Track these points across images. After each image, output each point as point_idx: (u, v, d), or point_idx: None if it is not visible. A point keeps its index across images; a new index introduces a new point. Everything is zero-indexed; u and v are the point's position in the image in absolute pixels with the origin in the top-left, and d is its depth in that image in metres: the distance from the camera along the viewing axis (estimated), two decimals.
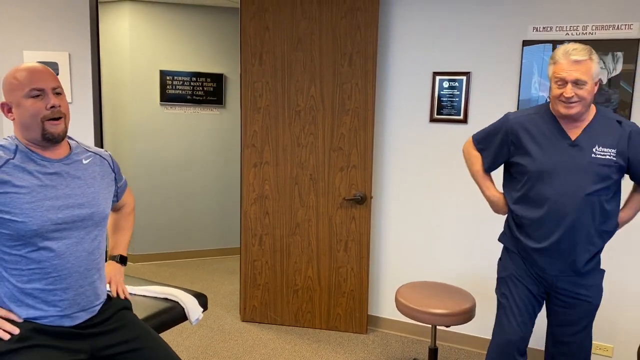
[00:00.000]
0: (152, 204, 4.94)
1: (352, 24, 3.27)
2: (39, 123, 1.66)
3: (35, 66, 1.70)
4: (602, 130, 2.07)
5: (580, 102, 2.00)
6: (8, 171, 1.63)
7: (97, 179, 1.84)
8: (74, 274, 1.72)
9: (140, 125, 4.81)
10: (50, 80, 1.69)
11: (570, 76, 1.97)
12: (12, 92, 1.67)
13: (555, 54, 2.04)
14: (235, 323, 3.69)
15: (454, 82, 3.25)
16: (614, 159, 2.03)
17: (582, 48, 2.00)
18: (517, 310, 2.23)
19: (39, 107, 1.65)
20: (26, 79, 1.66)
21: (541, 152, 2.11)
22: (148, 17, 4.72)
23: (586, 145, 2.05)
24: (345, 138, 3.37)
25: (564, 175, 2.05)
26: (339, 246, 3.49)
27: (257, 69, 3.43)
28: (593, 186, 2.03)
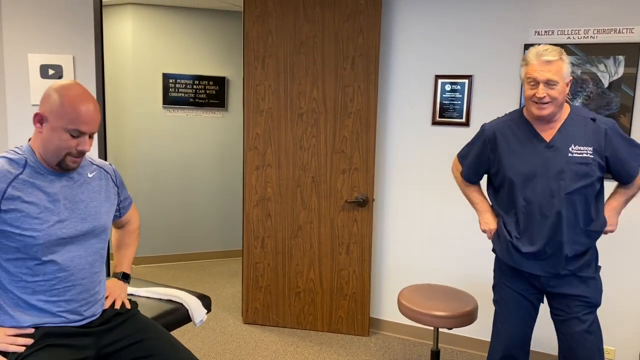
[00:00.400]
0: (154, 207, 4.95)
1: (355, 28, 3.28)
2: (62, 155, 1.68)
3: (89, 107, 1.66)
4: (577, 129, 2.09)
5: (552, 103, 2.03)
6: (18, 187, 1.65)
7: (101, 192, 1.87)
8: (77, 285, 1.76)
9: (143, 128, 4.83)
10: (95, 125, 1.69)
11: (541, 76, 2.00)
12: (55, 115, 1.64)
13: (527, 55, 2.07)
14: (237, 325, 3.70)
15: (456, 85, 3.26)
16: (592, 156, 2.05)
17: (553, 49, 2.03)
18: (510, 317, 2.26)
19: (70, 145, 1.67)
20: (75, 118, 1.64)
21: (518, 157, 2.14)
22: (151, 20, 4.74)
23: (562, 145, 2.08)
24: (348, 141, 3.39)
25: (543, 178, 2.08)
26: (341, 249, 3.49)
27: (260, 72, 3.44)
28: (573, 185, 2.05)
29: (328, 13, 3.31)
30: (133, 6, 4.67)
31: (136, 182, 4.86)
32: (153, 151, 4.89)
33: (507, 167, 2.16)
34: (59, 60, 3.26)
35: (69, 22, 3.27)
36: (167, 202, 5.00)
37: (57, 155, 1.68)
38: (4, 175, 1.64)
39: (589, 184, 2.06)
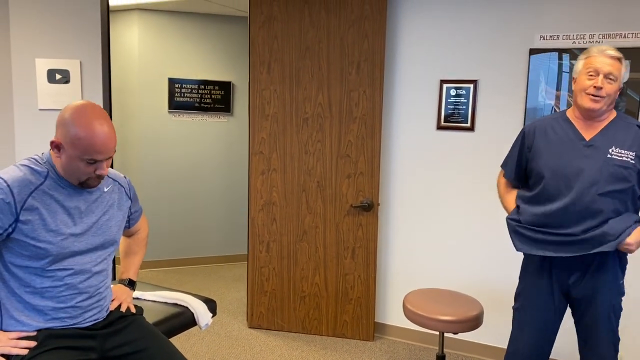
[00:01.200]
0: (159, 211, 4.97)
1: (360, 33, 3.30)
2: (83, 179, 1.71)
3: (103, 135, 1.65)
4: (620, 132, 2.06)
5: (605, 99, 2.01)
6: (37, 197, 1.66)
7: (114, 207, 1.89)
8: (83, 292, 1.78)
9: (149, 133, 4.85)
10: (110, 151, 1.69)
11: (604, 68, 1.99)
12: (70, 145, 1.64)
13: (590, 49, 2.07)
14: (242, 330, 3.70)
15: (461, 90, 3.27)
16: (632, 161, 2.01)
17: (616, 49, 2.04)
18: (530, 325, 2.22)
19: (87, 171, 1.69)
20: (90, 148, 1.64)
21: (555, 152, 2.10)
22: (156, 25, 4.77)
23: (602, 145, 2.04)
24: (353, 145, 3.39)
25: (578, 175, 2.04)
26: (346, 253, 3.50)
27: (266, 76, 3.46)
28: (607, 186, 2.00)
29: (333, 18, 3.33)
30: (139, 11, 4.70)
31: (141, 187, 4.88)
32: (158, 155, 4.91)
33: (541, 161, 2.13)
34: (66, 65, 3.29)
35: (76, 28, 3.29)
36: (172, 207, 5.01)
37: (77, 179, 1.71)
38: (25, 186, 1.65)
39: (625, 188, 2.01)
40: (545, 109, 3.05)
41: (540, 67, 3.04)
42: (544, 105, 3.05)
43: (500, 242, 3.24)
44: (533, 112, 3.08)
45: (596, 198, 2.00)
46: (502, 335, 3.30)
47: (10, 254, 1.67)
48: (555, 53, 3.00)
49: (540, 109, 3.06)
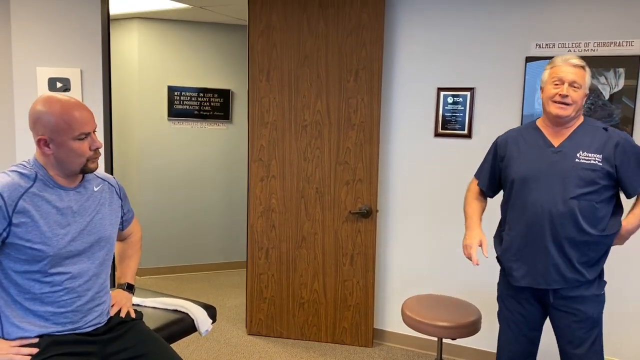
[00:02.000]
0: (158, 218, 4.98)
1: (358, 42, 3.33)
2: (82, 162, 1.74)
3: (79, 108, 1.71)
4: (588, 137, 2.12)
5: (572, 106, 2.07)
6: (28, 200, 1.68)
7: (106, 205, 1.91)
8: (83, 296, 1.79)
9: (148, 140, 4.87)
10: (93, 121, 1.75)
11: (568, 76, 2.06)
12: (56, 132, 1.68)
13: (554, 60, 2.15)
14: (241, 336, 3.71)
15: (458, 98, 3.30)
16: (600, 164, 2.06)
17: (579, 58, 2.12)
18: (510, 331, 2.28)
19: (84, 149, 1.72)
20: (74, 124, 1.69)
21: (524, 160, 2.17)
22: (156, 33, 4.81)
23: (569, 150, 2.10)
24: (351, 152, 3.42)
25: (547, 181, 2.10)
26: (345, 259, 3.51)
27: (265, 84, 3.49)
28: (577, 190, 2.05)
29: (332, 27, 3.36)
30: (139, 20, 4.74)
31: (141, 194, 4.90)
32: (158, 163, 4.93)
33: (512, 168, 2.20)
34: (66, 74, 3.31)
35: (77, 36, 3.33)
36: (171, 213, 5.03)
37: (78, 164, 1.73)
38: (15, 189, 1.66)
39: (595, 190, 2.06)
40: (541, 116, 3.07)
41: (536, 74, 3.08)
42: (541, 112, 3.07)
43: None
44: (529, 119, 3.11)
45: (567, 202, 2.05)
46: None
47: (8, 260, 1.68)
48: None
49: (536, 116, 3.09)
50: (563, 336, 2.17)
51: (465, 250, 2.24)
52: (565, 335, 2.16)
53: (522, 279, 2.17)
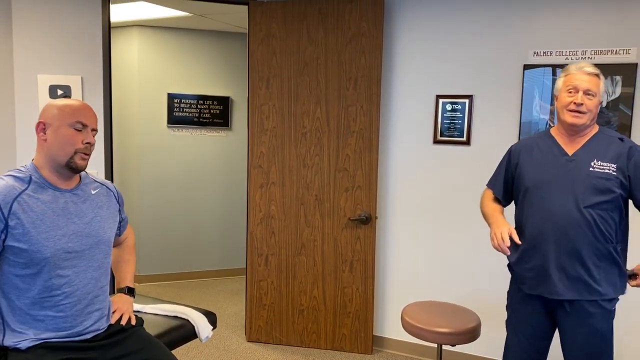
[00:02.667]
0: (158, 225, 4.99)
1: (357, 49, 3.36)
2: (70, 153, 1.74)
3: (84, 104, 1.81)
4: (602, 146, 2.10)
5: (587, 114, 2.06)
6: (23, 202, 1.69)
7: (104, 208, 1.91)
8: (83, 300, 1.80)
9: (148, 147, 4.89)
10: (94, 120, 1.81)
11: (582, 85, 2.05)
12: (56, 116, 1.74)
13: (568, 67, 2.13)
14: (240, 343, 3.70)
15: (456, 105, 3.32)
16: (614, 173, 2.05)
17: (593, 65, 2.11)
18: (517, 340, 2.26)
19: (76, 139, 1.75)
20: (75, 111, 1.76)
21: (538, 167, 2.16)
22: (156, 41, 4.83)
23: (583, 159, 2.09)
24: (350, 159, 3.44)
25: (561, 189, 2.08)
26: (344, 266, 3.52)
27: (265, 92, 3.51)
28: (591, 198, 2.04)
29: (331, 35, 3.39)
30: (139, 28, 4.76)
31: (140, 201, 4.91)
32: (157, 170, 4.94)
33: (526, 176, 2.18)
34: (67, 81, 3.33)
35: (78, 44, 3.35)
36: (171, 221, 5.03)
37: (66, 153, 1.74)
38: (9, 192, 1.68)
39: (609, 199, 2.04)
40: (540, 123, 3.10)
41: (534, 82, 3.10)
42: (539, 119, 3.10)
43: (496, 254, 3.27)
44: (528, 127, 3.13)
45: (582, 210, 2.04)
46: (499, 347, 3.30)
47: (7, 264, 1.69)
48: (549, 68, 3.06)
49: (535, 123, 3.11)
50: (571, 349, 2.14)
51: (493, 241, 2.10)
52: (573, 349, 2.13)
53: (534, 288, 2.15)
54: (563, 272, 2.08)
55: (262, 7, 3.46)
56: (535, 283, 2.15)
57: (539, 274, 2.13)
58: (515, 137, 3.18)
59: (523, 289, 2.21)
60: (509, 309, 2.34)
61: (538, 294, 2.15)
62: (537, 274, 2.14)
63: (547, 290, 2.12)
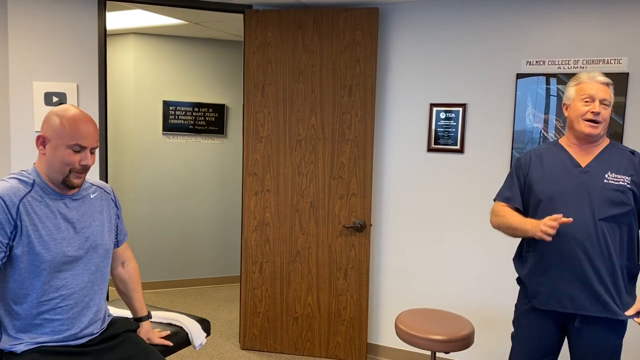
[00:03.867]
0: (153, 232, 4.98)
1: (352, 58, 3.38)
2: (66, 172, 1.75)
3: (87, 121, 1.75)
4: (615, 158, 2.07)
5: (602, 124, 2.03)
6: (27, 204, 1.71)
7: (103, 212, 1.93)
8: (79, 303, 1.81)
9: (143, 154, 4.89)
10: (94, 140, 1.77)
11: (599, 94, 2.02)
12: (56, 134, 1.72)
13: (579, 76, 2.10)
14: (234, 351, 3.69)
15: (450, 113, 3.35)
16: (629, 186, 2.01)
17: (604, 75, 2.08)
18: (523, 354, 2.22)
19: (73, 160, 1.74)
20: (75, 133, 1.72)
21: (550, 179, 2.11)
22: (152, 49, 4.85)
23: (597, 171, 2.05)
24: (345, 167, 3.45)
25: (576, 201, 2.03)
26: (339, 274, 3.52)
27: (260, 99, 3.53)
28: (607, 211, 2.00)
29: (326, 44, 3.41)
30: (135, 35, 4.78)
31: (135, 208, 4.90)
32: (152, 177, 4.94)
33: (538, 188, 2.12)
34: (63, 88, 3.34)
35: (74, 51, 3.35)
36: (165, 228, 5.02)
37: (62, 172, 1.74)
38: (14, 193, 1.70)
39: (624, 212, 2.01)
40: (534, 132, 3.12)
41: (527, 91, 3.13)
42: (532, 128, 3.13)
43: (489, 262, 3.29)
44: (521, 135, 3.16)
45: (597, 223, 2.00)
46: (493, 354, 3.32)
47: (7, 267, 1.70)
48: (543, 77, 3.09)
49: (528, 132, 3.14)
50: None
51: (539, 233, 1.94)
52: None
53: (547, 303, 2.10)
54: (578, 287, 2.04)
55: (257, 16, 3.48)
56: (548, 297, 2.10)
57: (553, 288, 2.09)
58: (509, 145, 3.21)
59: (534, 303, 2.16)
60: (516, 323, 2.29)
61: (552, 309, 2.11)
62: (550, 289, 2.09)
63: (559, 305, 2.07)
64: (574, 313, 2.07)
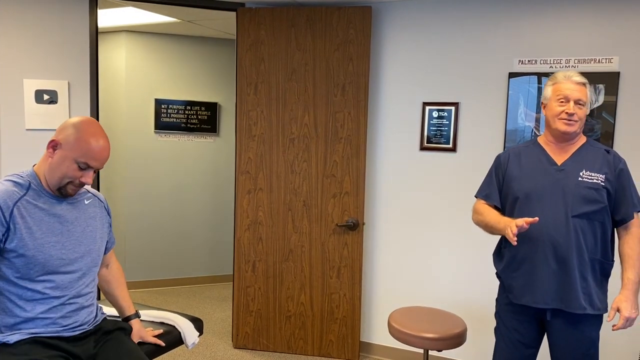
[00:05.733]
0: (144, 231, 4.96)
1: (345, 56, 3.38)
2: (64, 182, 1.77)
3: (102, 145, 1.76)
4: (590, 156, 2.13)
5: (578, 122, 2.08)
6: (22, 207, 1.72)
7: (96, 219, 1.96)
8: (73, 303, 1.83)
9: (135, 153, 4.86)
10: (103, 163, 1.80)
11: (573, 94, 2.07)
12: (70, 145, 1.73)
13: (556, 75, 2.14)
14: (227, 350, 3.69)
15: (443, 112, 3.36)
16: (602, 183, 2.07)
17: (580, 74, 2.13)
18: (506, 348, 2.27)
19: (75, 175, 1.76)
20: (89, 152, 1.73)
21: (528, 177, 2.16)
22: (144, 47, 4.82)
23: (572, 169, 2.11)
24: (338, 165, 3.45)
25: (550, 198, 2.09)
26: (332, 272, 3.52)
27: (253, 98, 3.52)
28: (580, 208, 2.05)
29: (319, 42, 3.41)
30: (127, 33, 4.75)
31: (127, 207, 4.87)
32: (144, 176, 4.91)
33: (516, 186, 2.18)
34: (54, 86, 3.31)
35: (65, 49, 3.33)
36: (157, 227, 5.00)
37: (60, 181, 1.77)
38: (9, 196, 1.71)
39: (597, 210, 2.06)
40: (525, 130, 3.14)
41: (519, 90, 3.14)
42: (524, 127, 3.14)
43: (481, 260, 3.30)
44: (513, 134, 3.17)
45: (570, 220, 2.06)
46: (485, 352, 3.34)
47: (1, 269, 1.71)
48: (535, 77, 3.10)
49: (520, 131, 3.15)
50: (559, 356, 2.15)
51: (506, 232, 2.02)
52: (561, 355, 2.14)
53: (521, 297, 2.16)
54: (550, 282, 2.09)
55: (250, 14, 3.47)
56: (521, 292, 2.16)
57: (527, 283, 2.14)
58: (501, 144, 3.22)
59: (511, 298, 2.22)
60: (497, 317, 2.34)
61: (526, 304, 2.15)
62: (524, 283, 2.15)
63: (532, 300, 2.13)
64: (545, 308, 2.12)
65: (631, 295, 2.06)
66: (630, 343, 3.00)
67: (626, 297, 2.05)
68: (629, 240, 2.10)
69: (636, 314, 2.05)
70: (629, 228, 2.11)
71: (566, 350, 2.13)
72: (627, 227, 2.12)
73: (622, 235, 2.13)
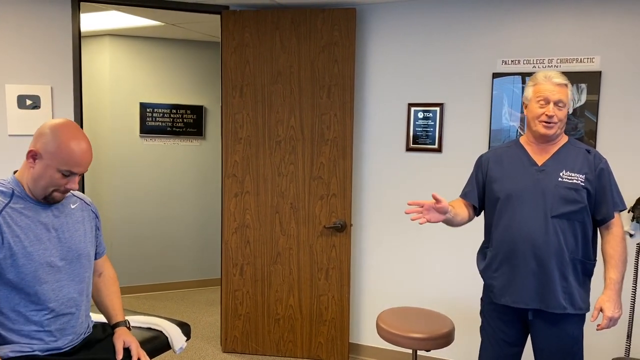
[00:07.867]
0: (131, 236, 4.92)
1: (330, 58, 3.38)
2: (49, 191, 1.73)
3: (83, 148, 1.71)
4: (571, 156, 2.14)
5: (558, 124, 2.09)
6: (7, 215, 1.68)
7: (84, 223, 1.92)
8: (67, 314, 1.80)
9: (120, 157, 4.83)
10: (86, 168, 1.75)
11: (553, 96, 2.07)
12: (50, 154, 1.68)
13: (536, 76, 2.13)
14: (216, 354, 3.67)
15: (428, 113, 3.37)
16: (582, 184, 2.08)
17: (561, 74, 2.12)
18: (491, 347, 2.28)
19: (59, 182, 1.72)
20: (70, 160, 1.69)
21: (509, 177, 2.17)
22: (128, 50, 4.79)
23: (553, 169, 2.12)
24: (325, 167, 3.45)
25: (530, 199, 2.10)
26: (320, 274, 3.52)
27: (238, 100, 3.51)
28: (560, 208, 2.06)
29: (304, 44, 3.41)
30: (110, 37, 4.72)
31: (113, 211, 4.83)
32: (130, 180, 4.88)
33: (497, 186, 2.19)
34: (36, 91, 3.27)
35: (47, 53, 3.30)
36: (144, 231, 4.97)
37: (45, 190, 1.73)
38: None
39: (577, 210, 2.06)
40: (510, 130, 3.16)
41: (503, 90, 3.17)
42: (509, 127, 3.17)
43: (468, 261, 3.32)
44: (498, 134, 3.19)
45: (549, 220, 2.07)
46: (473, 351, 3.35)
47: None
48: (519, 77, 3.13)
49: (505, 131, 3.18)
50: (543, 355, 2.16)
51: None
52: (544, 355, 2.15)
53: (502, 297, 2.17)
54: (530, 282, 2.10)
55: (234, 16, 3.46)
56: (501, 292, 2.17)
57: (507, 283, 2.15)
58: (486, 144, 3.24)
59: (492, 298, 2.23)
60: (482, 316, 2.36)
61: (506, 304, 2.17)
62: (505, 284, 2.16)
63: (512, 299, 2.14)
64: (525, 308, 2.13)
65: (614, 295, 2.07)
66: (614, 342, 3.03)
67: (609, 297, 2.07)
68: (611, 240, 2.12)
69: (619, 313, 2.07)
70: (610, 228, 2.13)
71: (549, 349, 2.14)
72: (608, 226, 2.13)
73: (604, 235, 2.15)
